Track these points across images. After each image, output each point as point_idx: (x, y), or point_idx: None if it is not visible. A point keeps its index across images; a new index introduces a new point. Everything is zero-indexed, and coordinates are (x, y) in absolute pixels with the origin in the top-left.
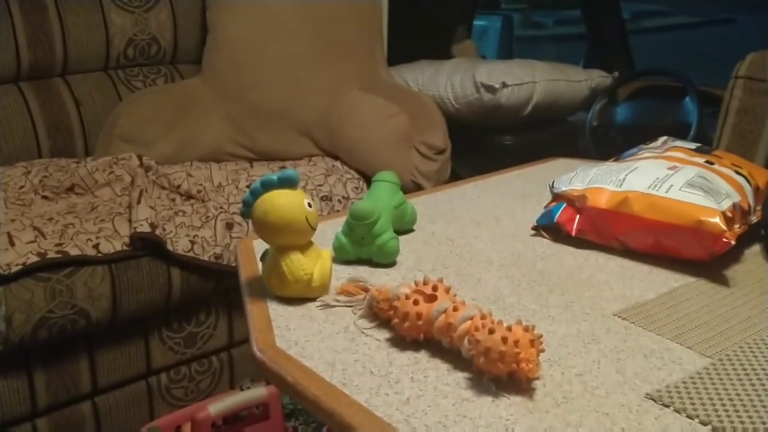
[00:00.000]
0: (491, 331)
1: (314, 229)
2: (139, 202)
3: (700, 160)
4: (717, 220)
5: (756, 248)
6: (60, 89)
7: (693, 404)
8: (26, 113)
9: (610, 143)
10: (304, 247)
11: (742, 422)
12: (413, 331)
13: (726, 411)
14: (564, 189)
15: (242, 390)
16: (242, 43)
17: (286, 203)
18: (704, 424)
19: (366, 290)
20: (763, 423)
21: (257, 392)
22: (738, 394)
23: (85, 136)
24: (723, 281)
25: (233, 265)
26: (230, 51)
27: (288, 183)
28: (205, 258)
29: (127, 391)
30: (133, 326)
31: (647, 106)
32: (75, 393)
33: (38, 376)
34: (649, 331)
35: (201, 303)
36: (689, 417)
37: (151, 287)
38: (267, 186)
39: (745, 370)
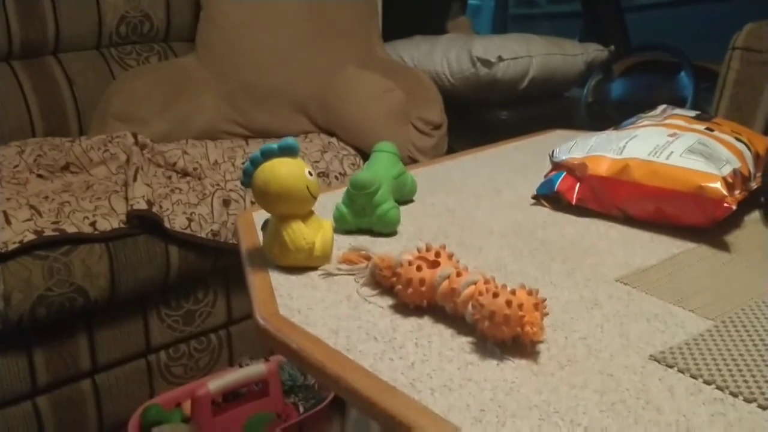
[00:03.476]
0: (495, 295)
1: (315, 198)
2: (135, 179)
3: (700, 127)
4: (718, 185)
5: (756, 215)
6: (52, 68)
7: (696, 364)
8: (19, 93)
9: (606, 119)
10: (306, 216)
11: (746, 381)
12: (416, 298)
13: (729, 370)
14: (564, 158)
15: (241, 367)
16: (236, 20)
17: (288, 172)
18: (708, 383)
19: (368, 259)
20: (767, 381)
21: (256, 369)
22: (741, 354)
23: (79, 116)
24: (724, 247)
25: (231, 242)
26: (224, 28)
27: (288, 152)
28: (203, 235)
29: (126, 369)
30: (131, 304)
31: (643, 81)
32: (75, 371)
33: (38, 355)
34: (651, 296)
35: (199, 281)
36: (693, 377)
37: (149, 265)
38: (267, 155)
39: (747, 331)
